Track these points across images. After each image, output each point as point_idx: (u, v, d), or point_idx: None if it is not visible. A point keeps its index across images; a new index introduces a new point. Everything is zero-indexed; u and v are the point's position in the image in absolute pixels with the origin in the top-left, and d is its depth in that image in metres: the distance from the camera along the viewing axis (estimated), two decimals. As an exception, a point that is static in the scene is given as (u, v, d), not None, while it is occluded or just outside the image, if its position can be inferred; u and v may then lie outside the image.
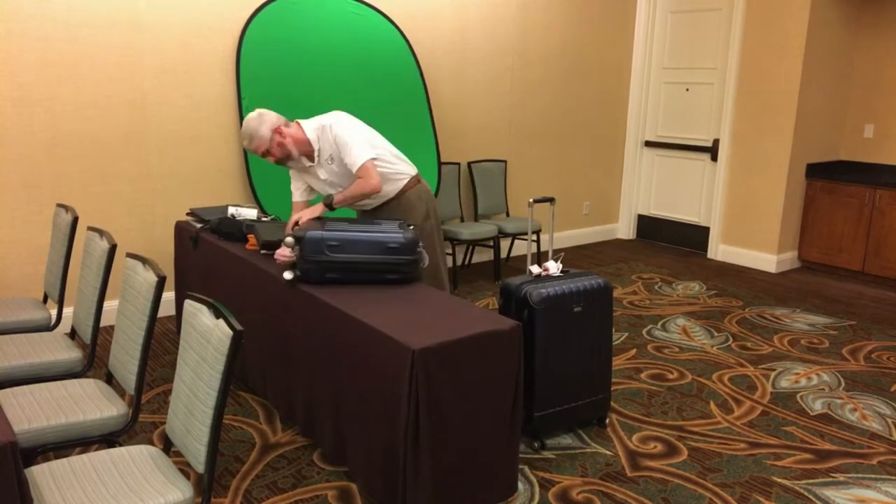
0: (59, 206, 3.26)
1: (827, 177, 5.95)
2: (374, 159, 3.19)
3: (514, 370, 2.51)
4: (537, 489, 2.76)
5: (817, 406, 3.57)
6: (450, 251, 5.56)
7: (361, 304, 2.67)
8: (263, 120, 3.17)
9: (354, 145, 3.16)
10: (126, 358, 2.39)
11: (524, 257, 6.32)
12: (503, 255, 6.21)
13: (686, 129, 6.67)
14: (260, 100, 4.57)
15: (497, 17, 5.77)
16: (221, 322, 1.87)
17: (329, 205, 3.19)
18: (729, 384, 3.79)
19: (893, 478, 2.93)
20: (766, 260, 6.11)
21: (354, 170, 3.17)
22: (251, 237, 3.47)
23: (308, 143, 3.22)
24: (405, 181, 3.36)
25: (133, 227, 4.35)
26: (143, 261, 2.41)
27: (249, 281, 3.27)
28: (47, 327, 3.12)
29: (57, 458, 2.37)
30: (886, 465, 3.02)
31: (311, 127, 3.23)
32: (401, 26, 5.19)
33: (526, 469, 2.90)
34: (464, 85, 5.69)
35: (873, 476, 2.94)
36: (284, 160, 3.24)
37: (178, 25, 4.27)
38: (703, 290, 5.49)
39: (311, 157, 3.26)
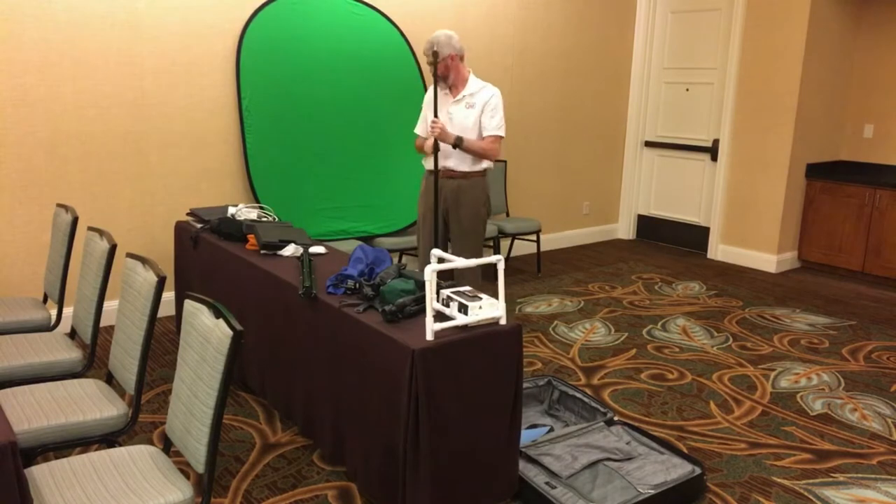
0: (59, 206, 3.26)
1: (827, 177, 5.95)
2: (500, 138, 3.85)
3: (515, 370, 2.51)
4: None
5: (817, 406, 3.57)
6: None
7: (361, 304, 2.67)
8: (450, 43, 3.76)
9: (501, 118, 3.83)
10: (126, 358, 2.39)
11: (525, 257, 6.33)
12: (504, 255, 6.20)
13: (686, 129, 6.67)
14: (260, 100, 4.58)
15: (497, 17, 5.77)
16: (221, 322, 1.87)
17: (458, 145, 3.73)
18: (729, 384, 3.79)
19: (893, 478, 2.93)
20: (766, 260, 6.11)
21: (487, 133, 3.80)
22: (251, 237, 3.47)
23: (464, 82, 3.86)
24: (488, 166, 3.95)
25: (133, 227, 4.35)
26: (143, 261, 2.41)
27: (249, 281, 3.27)
28: (47, 327, 3.12)
29: (57, 458, 2.38)
30: (886, 465, 3.02)
31: (475, 77, 3.88)
32: (401, 26, 5.19)
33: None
34: (464, 85, 5.68)
35: (873, 476, 2.94)
36: (441, 79, 3.81)
37: (177, 25, 4.27)
38: (702, 290, 5.50)
39: (453, 93, 3.86)
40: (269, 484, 2.76)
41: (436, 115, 3.74)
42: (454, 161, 3.84)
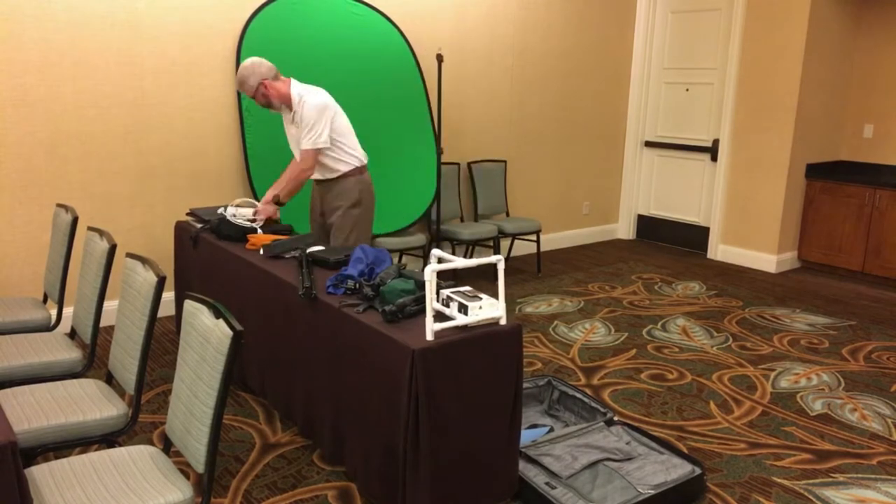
0: (59, 206, 3.26)
1: (827, 177, 5.95)
2: (319, 150, 3.70)
3: (515, 370, 2.51)
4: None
5: (817, 406, 3.57)
6: (450, 251, 5.56)
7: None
8: (254, 71, 3.64)
9: (310, 129, 3.65)
10: (126, 358, 2.39)
11: (525, 257, 6.33)
12: (504, 255, 6.20)
13: (686, 129, 6.67)
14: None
15: (497, 17, 5.77)
16: (221, 322, 1.87)
17: (279, 203, 3.75)
18: (729, 384, 3.79)
19: (893, 478, 2.93)
20: (766, 260, 6.11)
21: (300, 147, 3.69)
22: (251, 237, 3.47)
23: (289, 100, 3.70)
24: (348, 168, 3.81)
25: (133, 227, 4.35)
26: (143, 261, 2.41)
27: (249, 281, 3.27)
28: (47, 327, 3.12)
29: (57, 458, 2.38)
30: (886, 465, 3.02)
31: (296, 90, 3.70)
32: (401, 26, 5.19)
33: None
34: (464, 85, 5.69)
35: (873, 476, 2.94)
36: (267, 106, 3.74)
37: (177, 25, 4.27)
38: (702, 290, 5.50)
39: (286, 112, 3.79)
40: (269, 484, 2.76)
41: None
42: (317, 174, 3.86)
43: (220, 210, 3.73)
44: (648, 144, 6.97)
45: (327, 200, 3.89)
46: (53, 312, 3.95)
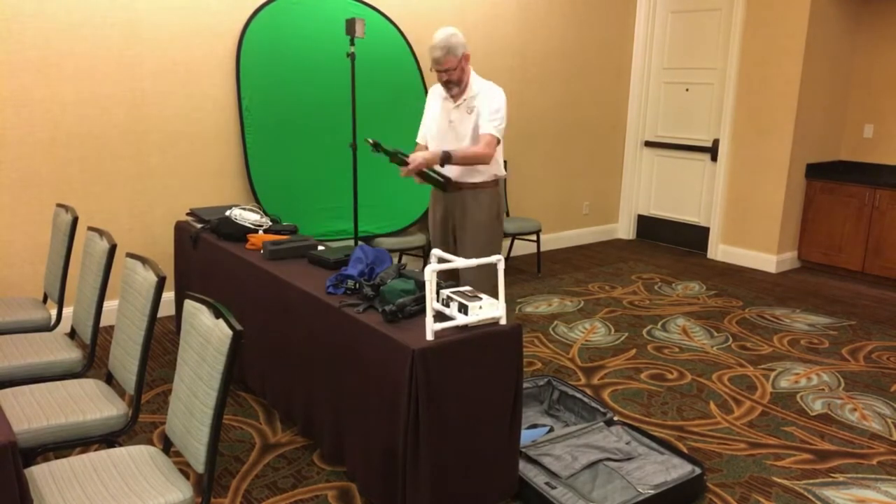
0: (59, 206, 3.26)
1: (827, 177, 5.95)
2: (499, 141, 3.39)
3: (515, 370, 2.51)
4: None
5: (817, 406, 3.57)
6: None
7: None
8: (462, 41, 3.30)
9: (499, 117, 3.35)
10: (126, 358, 2.39)
11: (525, 257, 6.33)
12: (504, 255, 6.20)
13: (686, 129, 6.67)
14: (260, 100, 4.58)
15: (497, 17, 5.77)
16: (221, 322, 1.87)
17: (447, 159, 3.29)
18: (729, 384, 3.79)
19: (893, 478, 2.93)
20: (766, 260, 6.11)
21: (482, 131, 3.34)
22: (251, 237, 3.47)
23: (468, 84, 3.40)
24: (494, 177, 3.52)
25: (133, 227, 4.35)
26: (143, 261, 2.41)
27: (249, 281, 3.27)
28: (47, 327, 3.12)
29: (57, 458, 2.38)
30: (886, 465, 3.02)
31: (477, 76, 3.44)
32: (401, 26, 5.19)
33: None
34: (464, 85, 5.68)
35: (873, 476, 2.94)
36: (454, 83, 3.37)
37: (178, 26, 4.27)
38: (702, 290, 5.49)
39: (455, 98, 3.43)
40: (269, 484, 2.76)
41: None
42: (456, 172, 3.45)
43: (227, 212, 3.73)
44: (648, 144, 6.97)
45: (468, 210, 3.48)
46: (53, 312, 3.95)
